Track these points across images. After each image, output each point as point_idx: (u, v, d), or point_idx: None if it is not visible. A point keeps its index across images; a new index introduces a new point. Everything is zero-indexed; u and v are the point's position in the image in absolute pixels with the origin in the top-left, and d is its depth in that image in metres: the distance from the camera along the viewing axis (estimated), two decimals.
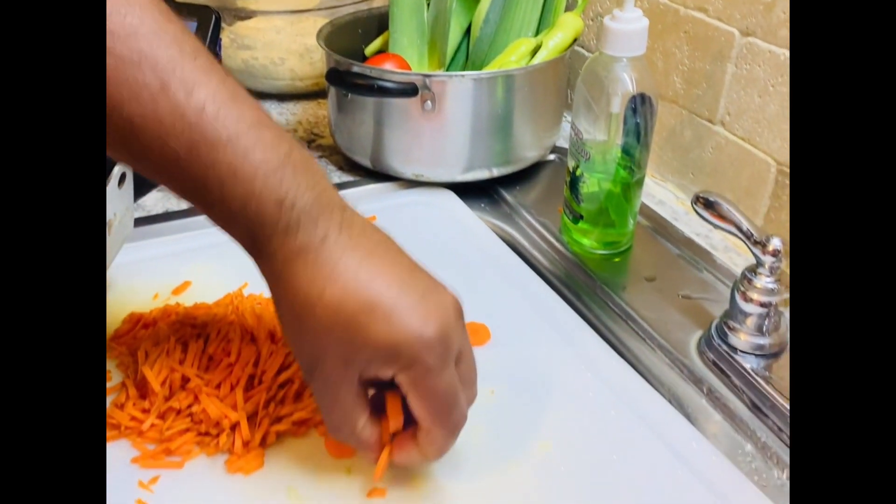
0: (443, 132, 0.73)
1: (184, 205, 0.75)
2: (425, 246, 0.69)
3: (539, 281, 0.65)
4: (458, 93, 0.71)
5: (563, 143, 0.85)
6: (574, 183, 0.67)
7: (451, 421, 0.43)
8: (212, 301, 0.60)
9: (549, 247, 0.72)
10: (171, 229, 0.71)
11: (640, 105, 0.62)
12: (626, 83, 0.61)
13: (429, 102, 0.71)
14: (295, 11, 0.91)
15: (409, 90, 0.69)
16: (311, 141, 0.88)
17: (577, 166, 0.66)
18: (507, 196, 0.79)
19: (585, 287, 0.66)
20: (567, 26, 0.76)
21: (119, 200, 0.61)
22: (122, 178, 0.60)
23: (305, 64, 0.94)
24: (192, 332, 0.53)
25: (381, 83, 0.69)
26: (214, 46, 0.83)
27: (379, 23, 0.89)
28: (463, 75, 0.71)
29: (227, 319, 0.54)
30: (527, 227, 0.75)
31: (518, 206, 0.77)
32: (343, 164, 0.83)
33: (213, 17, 0.82)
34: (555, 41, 0.76)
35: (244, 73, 0.95)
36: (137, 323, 0.58)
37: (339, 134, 0.80)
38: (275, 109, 0.95)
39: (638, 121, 0.63)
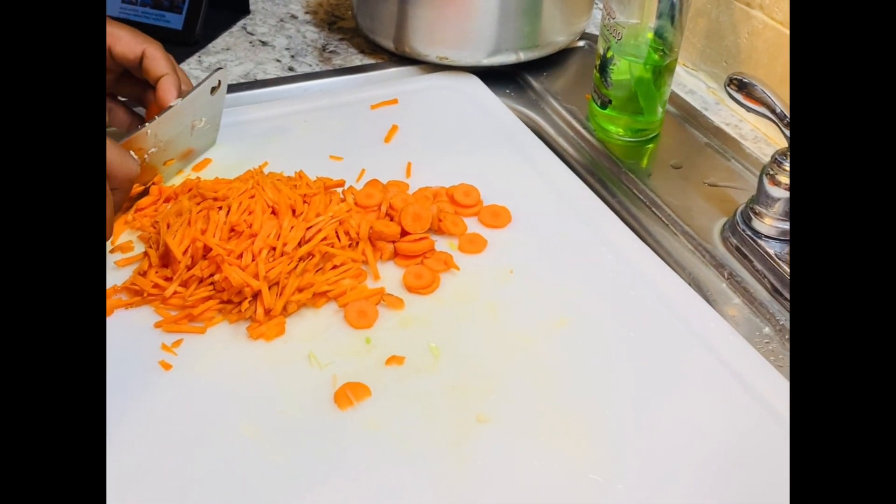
0: (469, 11, 0.71)
1: None
2: (448, 130, 0.68)
3: (563, 166, 0.64)
4: None
5: (594, 29, 0.82)
6: (604, 66, 0.65)
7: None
8: (232, 177, 0.60)
9: (576, 134, 0.70)
10: None
11: None
12: None
13: None
14: None
15: None
16: (332, 23, 0.86)
17: (608, 48, 0.64)
18: (534, 83, 0.77)
19: (610, 174, 0.65)
20: None
21: (209, 107, 0.61)
22: (217, 85, 0.60)
23: None
24: (214, 205, 0.53)
25: None
26: None
27: None
28: None
29: (248, 193, 0.54)
30: (553, 114, 0.73)
31: (545, 93, 0.75)
32: (364, 46, 0.81)
33: None
34: None
35: None
36: (159, 197, 0.58)
37: (362, 15, 0.78)
38: None
39: (672, 0, 0.60)
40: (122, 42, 0.58)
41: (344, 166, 0.63)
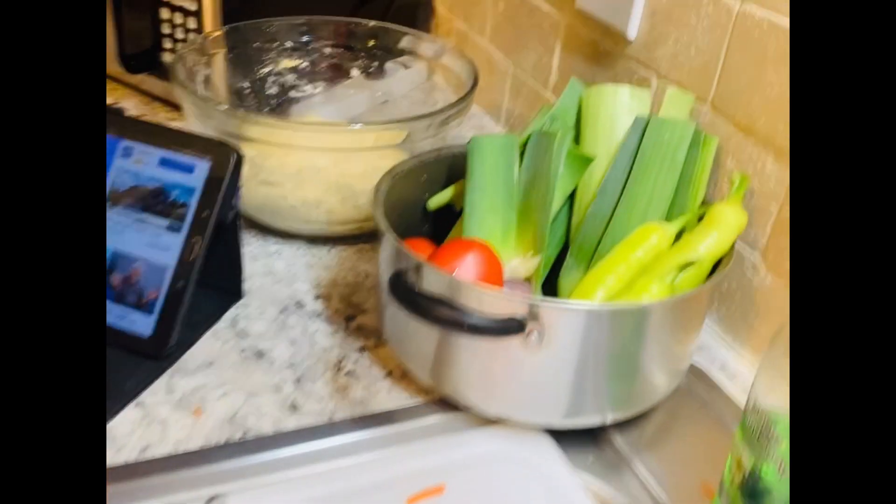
0: (545, 369, 0.51)
1: (201, 442, 0.53)
2: None
3: None
4: (574, 326, 0.50)
5: (696, 358, 0.63)
6: (752, 489, 0.45)
7: None
8: None
9: None
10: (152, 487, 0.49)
11: None
12: None
13: (535, 334, 0.49)
14: (346, 150, 0.70)
15: (513, 328, 0.48)
16: (350, 318, 0.66)
17: (760, 466, 0.45)
18: (620, 440, 0.57)
19: None
20: (724, 222, 0.55)
21: None
22: None
23: (348, 207, 0.72)
24: None
25: (472, 322, 0.47)
26: (233, 194, 0.62)
27: (448, 168, 0.67)
28: (588, 309, 0.49)
29: None
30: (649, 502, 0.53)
31: (634, 460, 0.56)
32: (394, 366, 0.61)
33: (233, 157, 0.61)
34: (707, 245, 0.54)
35: (264, 209, 0.73)
36: None
37: (392, 333, 0.59)
38: (301, 259, 0.73)
39: None
40: None
41: None
